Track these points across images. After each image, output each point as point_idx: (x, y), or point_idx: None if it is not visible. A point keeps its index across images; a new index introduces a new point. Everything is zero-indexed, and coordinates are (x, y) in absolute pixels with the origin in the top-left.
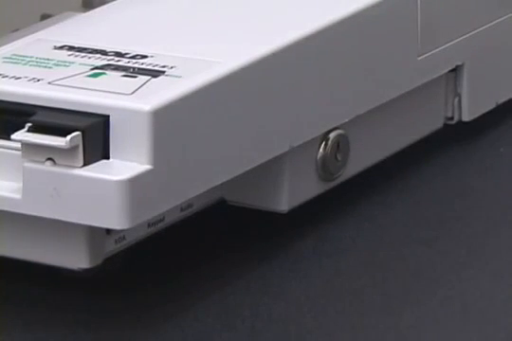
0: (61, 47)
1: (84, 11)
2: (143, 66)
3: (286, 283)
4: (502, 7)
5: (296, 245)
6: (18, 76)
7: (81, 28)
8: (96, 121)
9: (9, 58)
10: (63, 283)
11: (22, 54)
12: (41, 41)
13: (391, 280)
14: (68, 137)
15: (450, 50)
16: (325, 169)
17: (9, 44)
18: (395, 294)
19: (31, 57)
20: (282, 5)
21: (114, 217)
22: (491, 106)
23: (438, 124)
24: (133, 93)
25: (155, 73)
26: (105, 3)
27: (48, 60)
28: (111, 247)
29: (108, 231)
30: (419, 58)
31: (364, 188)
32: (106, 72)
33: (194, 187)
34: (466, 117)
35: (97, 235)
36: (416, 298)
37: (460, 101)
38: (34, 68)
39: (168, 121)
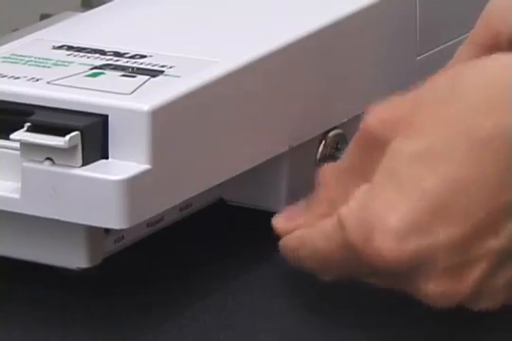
0: (60, 47)
1: (83, 11)
2: (142, 66)
3: (286, 283)
4: None
5: None
6: (17, 75)
7: (80, 28)
8: (95, 121)
9: (9, 57)
10: (63, 283)
11: (21, 54)
12: (40, 41)
13: None
14: (67, 137)
15: (449, 50)
16: None
17: (9, 44)
18: (395, 293)
19: (30, 57)
20: (279, 5)
21: (113, 217)
22: None
23: None
24: (132, 93)
25: (153, 73)
26: (104, 3)
27: (47, 59)
28: (110, 247)
29: (107, 231)
30: (418, 58)
31: None
32: (105, 72)
33: (193, 186)
34: None
35: (96, 235)
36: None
37: None
38: (33, 68)
39: (167, 121)
